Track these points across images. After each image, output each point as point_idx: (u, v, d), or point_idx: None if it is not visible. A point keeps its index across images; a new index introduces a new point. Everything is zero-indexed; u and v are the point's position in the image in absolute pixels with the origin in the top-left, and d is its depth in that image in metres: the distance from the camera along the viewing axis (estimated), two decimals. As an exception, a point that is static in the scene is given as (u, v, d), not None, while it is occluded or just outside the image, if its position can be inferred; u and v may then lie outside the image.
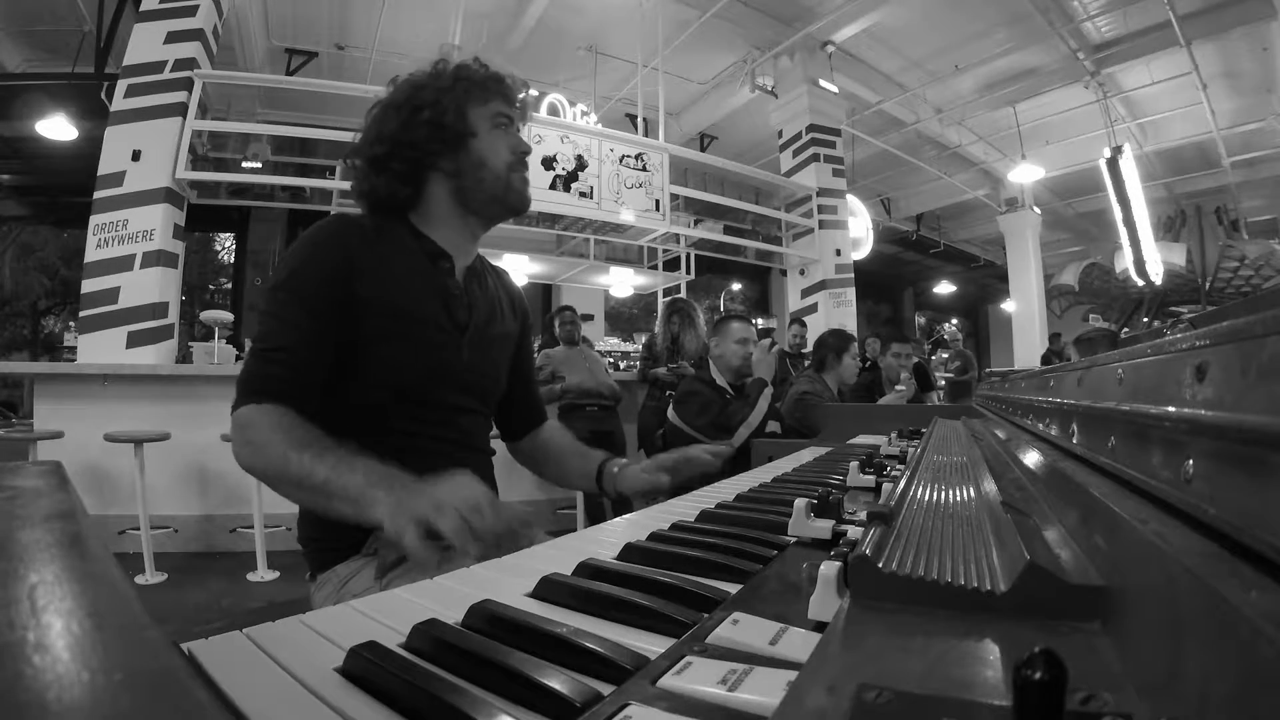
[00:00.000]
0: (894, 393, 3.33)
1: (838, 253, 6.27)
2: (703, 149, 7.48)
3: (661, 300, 5.92)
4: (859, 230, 7.37)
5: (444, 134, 0.92)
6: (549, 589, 0.43)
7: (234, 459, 0.80)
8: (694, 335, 3.73)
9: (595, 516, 3.44)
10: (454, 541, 0.59)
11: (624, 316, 10.49)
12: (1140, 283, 7.65)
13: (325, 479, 0.71)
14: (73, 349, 4.18)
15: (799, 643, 0.31)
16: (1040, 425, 0.70)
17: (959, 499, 0.51)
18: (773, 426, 2.29)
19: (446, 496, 0.63)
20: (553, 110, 5.10)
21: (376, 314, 0.86)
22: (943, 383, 6.22)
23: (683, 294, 5.40)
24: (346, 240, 0.88)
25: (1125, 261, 7.54)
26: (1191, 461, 0.26)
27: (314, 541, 0.92)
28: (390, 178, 0.93)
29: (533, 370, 1.17)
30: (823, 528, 0.53)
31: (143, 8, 3.99)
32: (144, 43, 3.88)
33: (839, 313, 6.12)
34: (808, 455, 1.33)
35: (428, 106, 0.92)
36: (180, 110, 3.83)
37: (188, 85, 3.87)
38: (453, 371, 0.93)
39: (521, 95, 1.00)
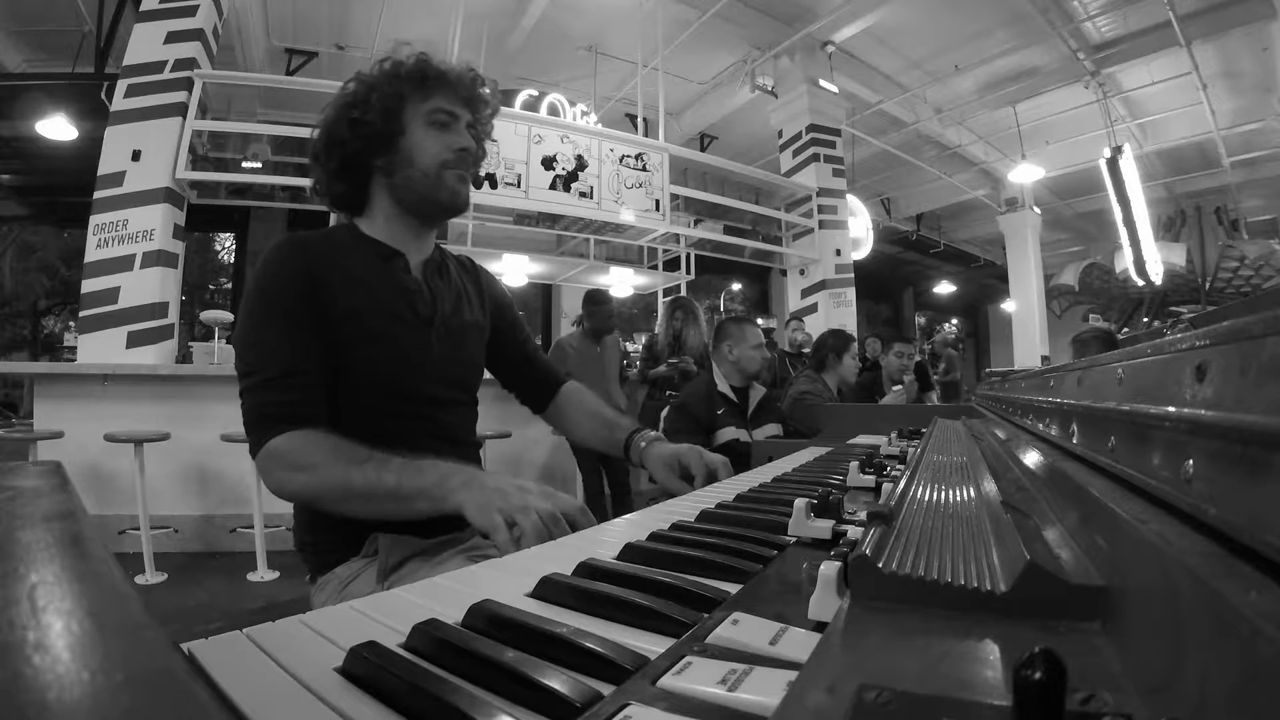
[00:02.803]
0: (893, 393, 3.32)
1: (838, 253, 6.27)
2: (703, 149, 7.48)
3: (662, 300, 5.92)
4: (859, 230, 7.37)
5: (370, 131, 0.92)
6: (549, 589, 0.43)
7: (272, 489, 0.81)
8: (697, 332, 3.71)
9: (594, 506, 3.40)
10: (528, 541, 0.65)
11: (624, 317, 10.49)
12: (1140, 283, 7.65)
13: (396, 484, 0.75)
14: (73, 349, 4.18)
15: (799, 643, 0.31)
16: (1040, 425, 0.70)
17: (959, 499, 0.51)
18: (774, 430, 2.28)
19: (534, 502, 0.69)
20: (553, 110, 5.10)
21: (344, 321, 0.87)
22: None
23: (683, 294, 5.39)
24: (301, 256, 0.88)
25: (1125, 261, 7.55)
26: (1191, 461, 0.26)
27: (312, 545, 0.92)
28: (331, 175, 0.95)
29: (529, 344, 1.17)
30: (823, 528, 0.53)
31: (143, 8, 3.99)
32: (144, 43, 3.89)
33: (839, 313, 6.12)
34: (808, 455, 1.33)
35: (358, 105, 0.92)
36: (180, 110, 3.83)
37: (188, 85, 3.87)
38: (427, 365, 0.94)
39: (476, 91, 0.98)
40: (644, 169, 5.16)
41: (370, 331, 0.89)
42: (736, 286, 10.97)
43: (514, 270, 5.69)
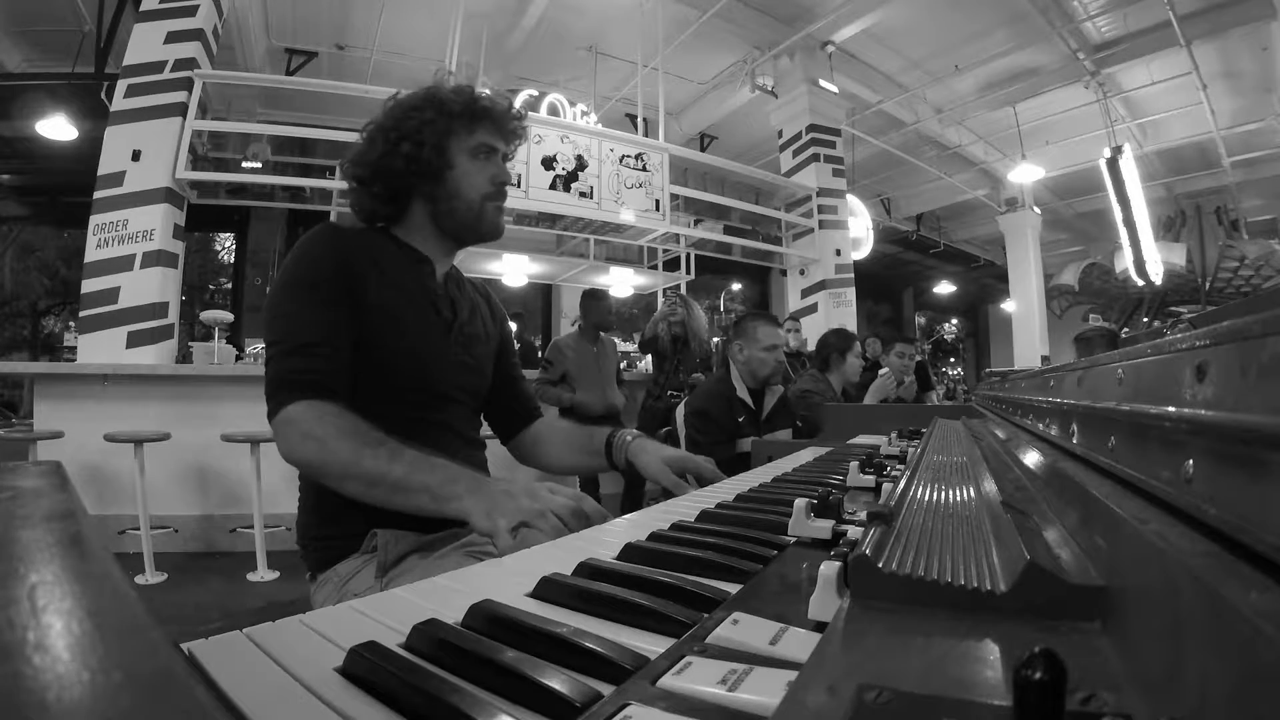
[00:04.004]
0: (880, 377, 3.26)
1: (838, 253, 6.27)
2: (703, 149, 7.48)
3: (662, 299, 5.92)
4: (859, 230, 7.36)
5: (420, 166, 0.96)
6: (549, 589, 0.43)
7: (283, 453, 0.82)
8: (694, 318, 3.74)
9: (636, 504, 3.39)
10: (549, 538, 0.66)
11: (624, 316, 10.48)
12: (1140, 283, 7.65)
13: (403, 475, 0.77)
14: (73, 349, 4.18)
15: (799, 643, 0.31)
16: (1040, 425, 0.70)
17: (959, 499, 0.51)
18: (785, 436, 2.23)
19: (548, 501, 0.71)
20: (553, 110, 5.09)
21: (374, 312, 0.90)
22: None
23: (683, 292, 5.39)
24: (341, 242, 0.92)
25: (1125, 261, 7.54)
26: (1191, 461, 0.26)
27: (313, 541, 0.93)
28: (373, 197, 0.99)
29: (517, 371, 1.20)
30: (823, 528, 0.53)
31: (143, 8, 3.99)
32: (144, 43, 3.88)
33: (839, 313, 6.12)
34: (808, 455, 1.33)
35: (408, 138, 0.95)
36: (180, 110, 3.83)
37: (188, 85, 3.87)
38: (443, 364, 0.98)
39: (514, 125, 1.04)
40: (644, 169, 5.15)
41: (397, 326, 0.92)
42: (736, 286, 10.97)
43: (514, 270, 5.69)
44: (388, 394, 0.91)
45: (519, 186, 4.57)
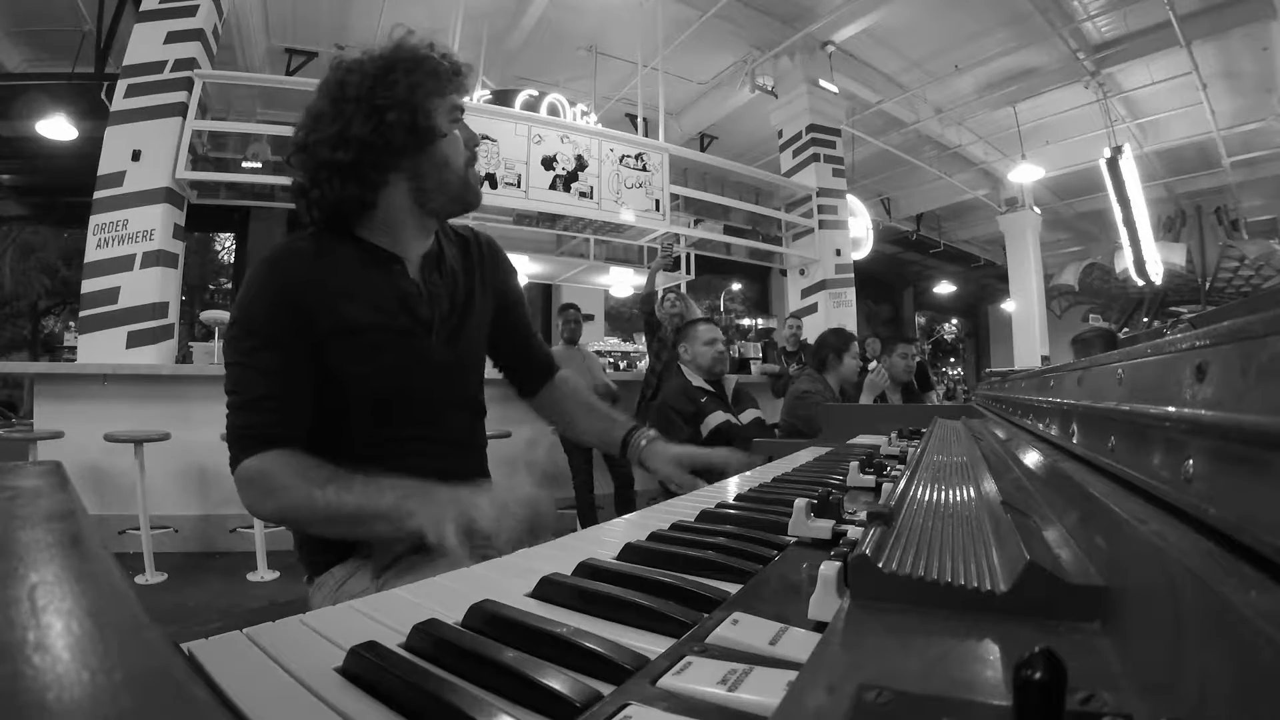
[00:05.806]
0: (872, 371, 3.24)
1: (838, 253, 6.27)
2: (703, 149, 7.48)
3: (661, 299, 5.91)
4: (859, 230, 7.37)
5: (414, 136, 0.85)
6: (549, 589, 0.43)
7: (248, 509, 0.81)
8: (691, 311, 3.80)
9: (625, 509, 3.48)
10: (494, 543, 0.65)
11: (624, 316, 10.48)
12: (1140, 283, 7.65)
13: (357, 506, 0.74)
14: (73, 349, 4.18)
15: (799, 643, 0.31)
16: (1040, 425, 0.70)
17: (959, 499, 0.51)
18: (755, 414, 2.39)
19: (483, 503, 0.68)
20: (553, 110, 5.10)
21: (336, 335, 0.84)
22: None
23: (683, 291, 5.39)
24: (281, 275, 0.84)
25: (1125, 261, 7.54)
26: (1191, 461, 0.26)
27: (310, 545, 0.92)
28: (354, 182, 0.85)
29: (528, 325, 1.13)
30: (823, 528, 0.53)
31: (143, 8, 3.99)
32: (144, 43, 3.89)
33: (839, 313, 6.12)
34: (808, 455, 1.33)
35: (395, 106, 0.84)
36: (180, 110, 3.83)
37: (188, 85, 3.87)
38: (429, 371, 0.91)
39: (470, 82, 0.94)
40: (644, 169, 5.15)
41: (367, 344, 0.86)
42: (736, 286, 10.97)
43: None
44: (370, 414, 0.87)
45: (519, 186, 4.57)
